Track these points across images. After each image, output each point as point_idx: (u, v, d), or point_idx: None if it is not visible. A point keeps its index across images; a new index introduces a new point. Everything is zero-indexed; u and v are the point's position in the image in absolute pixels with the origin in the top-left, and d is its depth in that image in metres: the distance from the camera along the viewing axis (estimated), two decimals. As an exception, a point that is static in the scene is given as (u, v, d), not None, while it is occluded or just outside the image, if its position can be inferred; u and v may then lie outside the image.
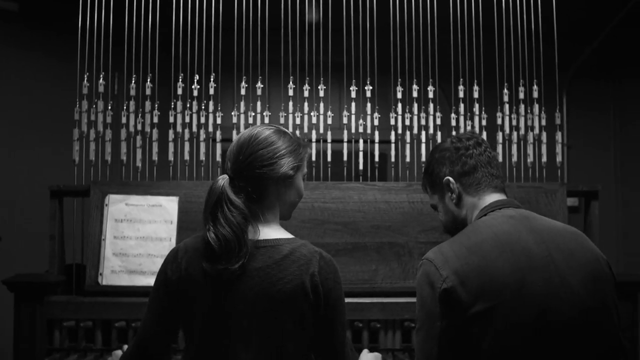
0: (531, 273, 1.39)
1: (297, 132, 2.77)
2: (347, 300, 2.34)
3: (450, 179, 1.61)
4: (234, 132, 2.74)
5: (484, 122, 2.81)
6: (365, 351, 1.80)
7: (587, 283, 1.41)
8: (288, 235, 1.55)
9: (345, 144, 2.78)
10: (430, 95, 2.81)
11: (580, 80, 4.56)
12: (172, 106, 2.77)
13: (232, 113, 2.78)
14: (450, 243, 1.49)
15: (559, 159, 2.83)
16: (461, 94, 2.82)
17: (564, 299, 1.38)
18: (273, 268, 1.46)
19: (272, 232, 1.53)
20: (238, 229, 1.45)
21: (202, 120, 2.77)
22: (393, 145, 2.80)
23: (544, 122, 2.83)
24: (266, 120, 2.77)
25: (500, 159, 2.73)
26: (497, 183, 1.61)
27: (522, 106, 2.83)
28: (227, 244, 1.44)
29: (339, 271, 1.54)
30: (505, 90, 2.82)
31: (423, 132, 2.80)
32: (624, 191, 4.51)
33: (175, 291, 1.50)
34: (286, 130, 1.61)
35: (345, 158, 2.78)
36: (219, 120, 2.77)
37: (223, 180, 1.52)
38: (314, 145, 2.76)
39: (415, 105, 2.80)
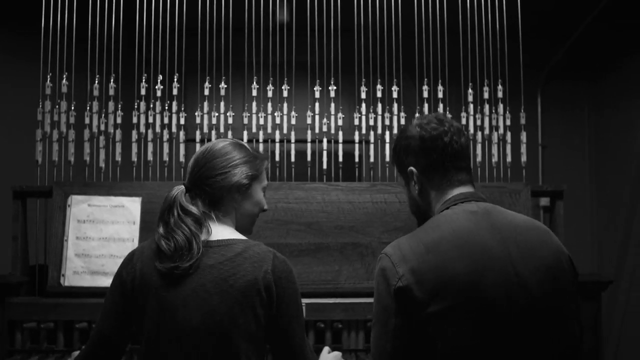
0: (488, 273, 1.37)
1: (261, 132, 2.77)
2: (310, 300, 2.39)
3: (414, 170, 1.57)
4: (198, 132, 2.74)
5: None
6: (325, 349, 1.79)
7: (545, 282, 1.40)
8: (242, 237, 1.57)
9: (309, 144, 2.78)
10: (395, 95, 2.81)
11: (554, 79, 4.55)
12: (136, 106, 2.76)
13: (196, 113, 2.78)
14: (409, 238, 1.46)
15: (523, 158, 2.83)
16: (425, 94, 2.82)
17: (520, 299, 1.37)
18: (226, 265, 1.47)
19: (226, 232, 1.56)
20: (189, 232, 1.49)
21: (166, 120, 2.76)
22: (357, 146, 2.79)
23: (508, 122, 2.83)
24: (229, 121, 2.77)
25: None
26: (462, 176, 1.56)
27: (487, 106, 2.82)
28: (177, 246, 1.47)
29: (294, 272, 1.55)
30: (470, 90, 2.82)
31: (387, 132, 2.80)
32: (599, 191, 4.51)
33: (130, 291, 1.52)
34: (244, 143, 1.65)
35: (309, 158, 2.77)
36: (182, 121, 2.77)
37: (178, 189, 1.57)
38: (277, 145, 2.76)
39: (380, 105, 2.80)
